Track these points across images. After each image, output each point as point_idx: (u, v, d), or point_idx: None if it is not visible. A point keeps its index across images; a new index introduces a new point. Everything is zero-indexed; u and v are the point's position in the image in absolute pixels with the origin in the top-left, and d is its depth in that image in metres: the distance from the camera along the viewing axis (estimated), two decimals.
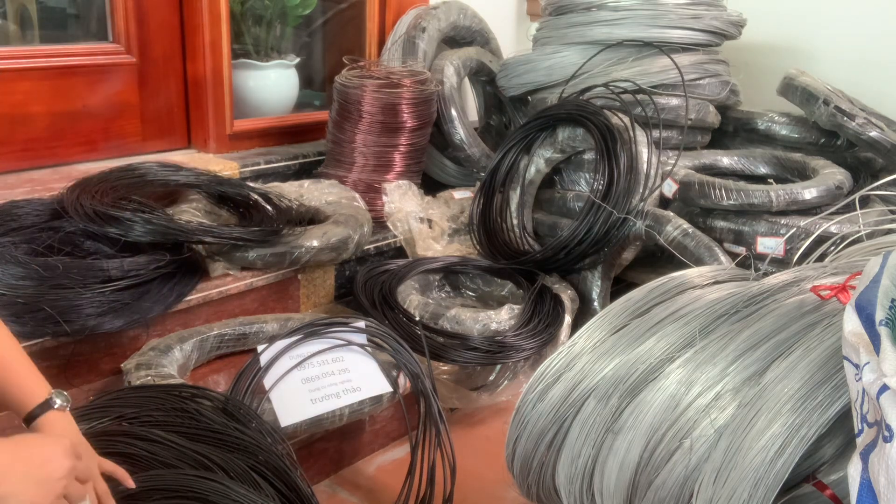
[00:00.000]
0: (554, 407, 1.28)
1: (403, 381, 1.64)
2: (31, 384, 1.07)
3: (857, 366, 0.86)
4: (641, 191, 2.11)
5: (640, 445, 1.16)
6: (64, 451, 0.92)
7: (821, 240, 1.80)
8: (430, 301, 2.00)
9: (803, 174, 2.27)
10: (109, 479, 1.08)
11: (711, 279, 1.43)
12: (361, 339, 1.64)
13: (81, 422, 1.26)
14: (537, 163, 2.36)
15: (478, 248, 2.32)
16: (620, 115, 2.21)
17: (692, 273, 1.45)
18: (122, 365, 1.55)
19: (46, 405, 1.05)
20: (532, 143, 2.37)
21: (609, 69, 2.34)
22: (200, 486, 1.14)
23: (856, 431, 0.86)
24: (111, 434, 1.24)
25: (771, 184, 2.20)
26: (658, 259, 2.36)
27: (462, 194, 2.45)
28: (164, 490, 1.13)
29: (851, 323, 0.90)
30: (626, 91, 2.26)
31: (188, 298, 1.72)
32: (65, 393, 1.08)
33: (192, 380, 1.64)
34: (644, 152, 2.14)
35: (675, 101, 2.29)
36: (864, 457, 0.80)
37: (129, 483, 1.10)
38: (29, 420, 1.05)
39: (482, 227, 2.32)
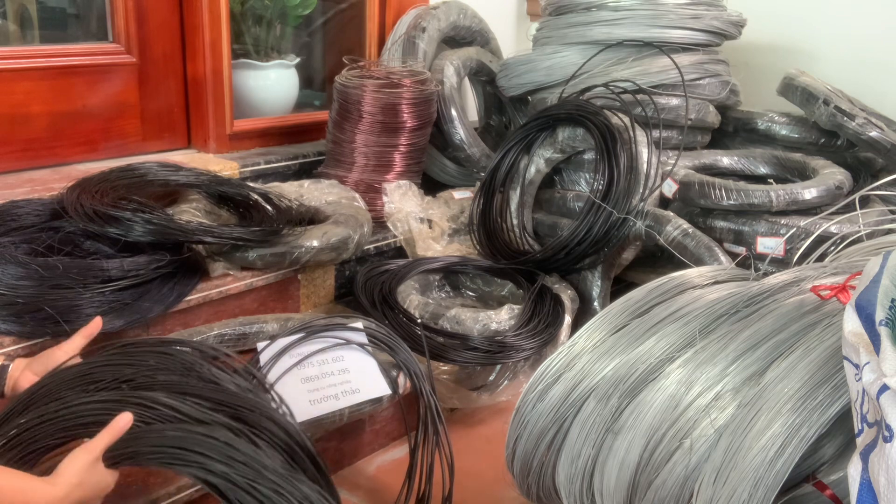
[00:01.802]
0: (554, 407, 1.28)
1: (403, 381, 1.64)
2: None
3: (857, 366, 0.85)
4: (641, 191, 2.11)
5: (640, 445, 1.16)
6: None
7: (821, 240, 1.80)
8: (430, 301, 2.00)
9: (803, 174, 2.27)
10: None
11: (711, 279, 1.43)
12: (361, 338, 1.64)
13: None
14: (537, 163, 2.36)
15: (478, 248, 2.32)
16: (620, 115, 2.21)
17: (692, 273, 1.45)
18: None
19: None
20: (532, 143, 2.37)
21: (609, 69, 2.34)
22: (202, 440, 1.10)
23: (856, 431, 0.86)
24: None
25: (771, 184, 2.20)
26: (658, 259, 2.36)
27: (462, 194, 2.45)
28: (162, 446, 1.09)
29: (851, 323, 0.90)
30: (626, 91, 2.26)
31: (188, 298, 1.72)
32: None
33: None
34: (644, 152, 2.14)
35: (675, 101, 2.29)
36: (864, 457, 0.80)
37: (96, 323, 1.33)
38: None
39: (482, 227, 2.32)
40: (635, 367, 1.22)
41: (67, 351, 1.30)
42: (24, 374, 1.25)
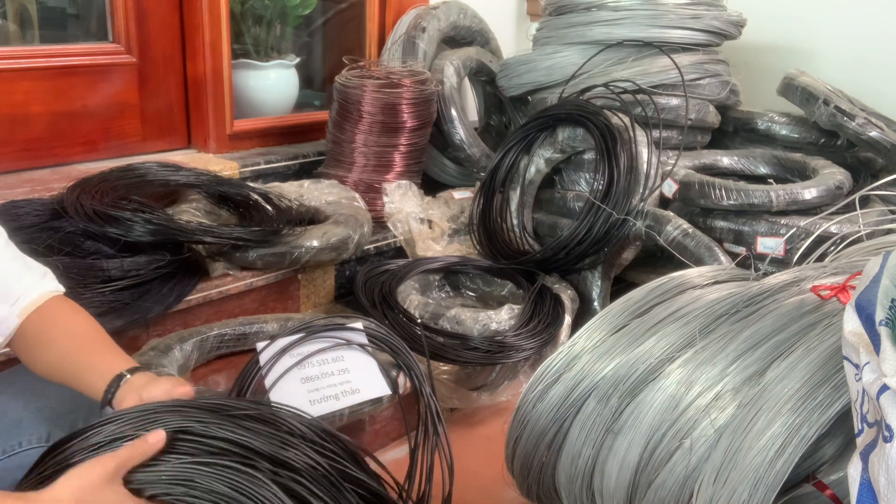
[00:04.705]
0: (554, 407, 1.28)
1: (403, 382, 1.64)
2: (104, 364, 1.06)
3: (857, 366, 0.85)
4: (641, 191, 2.11)
5: (640, 445, 1.16)
6: None
7: (821, 240, 1.80)
8: (430, 301, 2.00)
9: (803, 174, 2.27)
10: None
11: (711, 279, 1.43)
12: (361, 338, 1.64)
13: None
14: (537, 163, 2.36)
15: (478, 248, 2.32)
16: (620, 115, 2.21)
17: (692, 273, 1.45)
18: None
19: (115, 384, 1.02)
20: (532, 143, 2.37)
21: (609, 69, 2.34)
22: None
23: (856, 431, 0.86)
24: None
25: (771, 184, 2.20)
26: (658, 259, 2.36)
27: (462, 194, 2.45)
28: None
29: (851, 323, 0.90)
30: (626, 91, 2.26)
31: (188, 298, 1.72)
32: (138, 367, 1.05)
33: (192, 380, 1.64)
34: (644, 152, 2.14)
35: (675, 101, 2.29)
36: (864, 457, 0.80)
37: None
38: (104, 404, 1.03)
39: (482, 227, 2.32)
40: (635, 367, 1.22)
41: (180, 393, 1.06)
42: (133, 397, 1.02)
